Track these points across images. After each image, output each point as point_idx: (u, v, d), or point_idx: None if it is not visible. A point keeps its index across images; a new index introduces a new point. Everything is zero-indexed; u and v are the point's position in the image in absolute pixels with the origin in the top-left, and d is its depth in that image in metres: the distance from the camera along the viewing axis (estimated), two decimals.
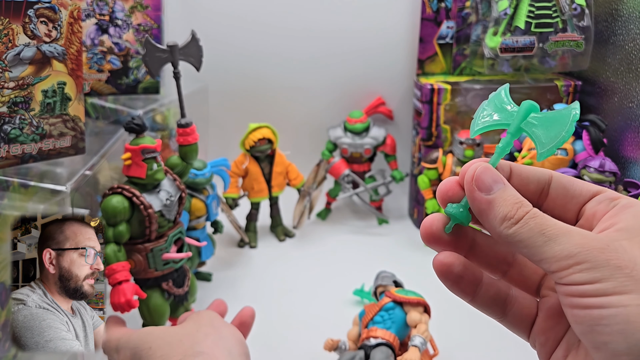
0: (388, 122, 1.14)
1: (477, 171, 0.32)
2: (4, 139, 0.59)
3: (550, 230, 0.29)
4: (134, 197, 0.59)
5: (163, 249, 0.62)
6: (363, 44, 1.09)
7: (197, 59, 0.71)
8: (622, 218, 0.30)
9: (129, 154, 0.60)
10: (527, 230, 0.29)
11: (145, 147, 0.60)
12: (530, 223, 0.29)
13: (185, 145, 0.67)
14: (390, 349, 0.61)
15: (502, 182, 0.32)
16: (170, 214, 0.62)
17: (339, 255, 0.97)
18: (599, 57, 0.99)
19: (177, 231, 0.64)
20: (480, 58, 1.00)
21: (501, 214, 0.30)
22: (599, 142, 0.90)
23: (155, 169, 0.60)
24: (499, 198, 0.31)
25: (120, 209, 0.59)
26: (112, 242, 0.59)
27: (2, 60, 0.57)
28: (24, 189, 0.60)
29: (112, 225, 0.59)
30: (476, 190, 0.31)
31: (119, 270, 0.58)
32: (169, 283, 0.64)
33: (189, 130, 0.67)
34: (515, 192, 0.31)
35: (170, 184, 0.64)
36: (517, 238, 0.30)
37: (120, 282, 0.58)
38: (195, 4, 1.06)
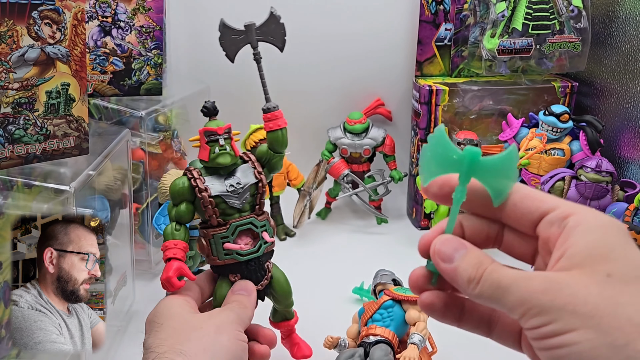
0: (387, 123, 1.15)
1: (437, 246, 0.34)
2: (8, 139, 0.60)
3: (504, 281, 0.31)
4: (192, 179, 0.58)
5: (224, 238, 0.57)
6: (362, 47, 1.10)
7: (278, 38, 0.65)
8: (571, 242, 0.31)
9: (197, 136, 0.59)
10: (487, 287, 0.31)
11: (207, 129, 0.58)
12: (489, 279, 0.32)
13: (273, 130, 0.61)
14: (390, 347, 0.62)
15: (462, 248, 0.34)
16: (235, 201, 0.58)
17: (339, 254, 0.98)
18: (595, 59, 1.00)
19: (244, 221, 0.58)
20: (478, 60, 1.01)
21: (465, 278, 0.33)
22: (595, 142, 0.91)
23: (217, 152, 0.58)
24: (461, 264, 0.33)
25: (179, 188, 0.58)
26: (173, 221, 0.58)
27: (7, 61, 0.58)
28: (28, 188, 0.60)
29: (175, 204, 0.58)
30: (440, 262, 0.34)
31: (170, 247, 0.56)
32: (236, 276, 0.59)
33: (277, 113, 0.62)
34: (476, 252, 0.34)
35: (246, 171, 0.59)
36: (482, 296, 0.32)
37: (169, 259, 0.56)
38: (197, 7, 1.07)
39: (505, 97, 1.02)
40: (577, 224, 0.31)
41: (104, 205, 0.72)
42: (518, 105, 1.03)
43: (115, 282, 0.73)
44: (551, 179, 0.85)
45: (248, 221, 0.59)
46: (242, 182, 0.59)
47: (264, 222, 0.60)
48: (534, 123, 0.97)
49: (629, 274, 0.29)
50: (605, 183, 0.80)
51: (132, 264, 0.79)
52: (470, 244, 0.34)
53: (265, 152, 0.62)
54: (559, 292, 0.29)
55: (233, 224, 0.58)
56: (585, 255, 0.30)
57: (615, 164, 0.90)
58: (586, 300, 0.28)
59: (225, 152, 0.58)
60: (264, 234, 0.59)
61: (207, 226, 0.59)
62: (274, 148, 0.62)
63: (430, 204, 0.98)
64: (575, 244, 0.30)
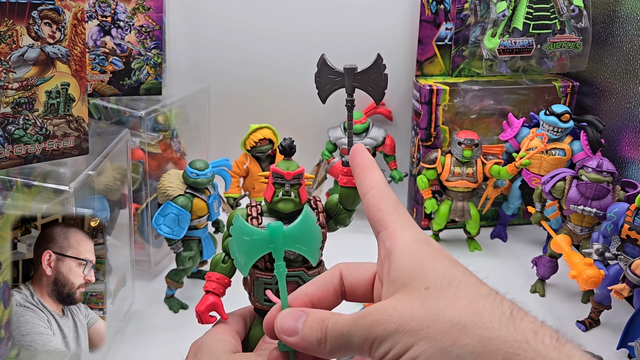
0: (387, 123, 1.15)
1: (278, 324, 0.36)
2: (7, 139, 0.59)
3: (345, 328, 0.33)
4: (249, 217, 0.54)
5: (267, 284, 0.55)
6: (363, 46, 1.10)
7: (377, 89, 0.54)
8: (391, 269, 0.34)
9: (268, 172, 0.55)
10: (334, 340, 0.33)
11: (275, 171, 0.54)
12: (332, 333, 0.33)
13: (348, 187, 0.55)
14: None
15: (301, 315, 0.35)
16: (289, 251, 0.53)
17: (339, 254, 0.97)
18: (596, 58, 0.99)
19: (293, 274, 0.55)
20: (478, 59, 1.00)
21: (314, 339, 0.34)
22: (596, 142, 0.91)
23: (280, 196, 0.54)
24: (305, 330, 0.35)
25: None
26: (222, 252, 0.56)
27: (6, 61, 0.58)
28: (28, 188, 0.60)
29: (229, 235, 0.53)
30: (287, 338, 0.35)
31: (212, 280, 0.54)
32: None
33: None
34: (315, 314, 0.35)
35: None
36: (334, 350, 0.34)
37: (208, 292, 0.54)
38: (196, 6, 1.07)
39: (506, 97, 1.02)
40: (392, 249, 0.34)
41: (104, 206, 0.72)
42: (519, 105, 1.02)
43: (114, 282, 0.73)
44: (552, 179, 0.85)
45: (296, 274, 0.55)
46: None
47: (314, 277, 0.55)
48: (535, 123, 0.97)
49: (441, 281, 0.31)
50: (606, 183, 0.80)
51: (132, 265, 0.79)
52: (308, 308, 0.36)
53: (335, 205, 0.57)
54: (389, 318, 0.31)
55: None
56: (403, 277, 0.32)
57: (616, 164, 0.90)
58: (412, 316, 0.30)
59: (289, 199, 0.54)
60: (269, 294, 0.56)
61: (255, 266, 0.54)
62: (345, 204, 0.56)
63: (431, 204, 0.98)
64: (393, 269, 0.33)
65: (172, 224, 0.77)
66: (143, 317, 0.80)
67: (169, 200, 0.78)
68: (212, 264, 0.55)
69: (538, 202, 0.91)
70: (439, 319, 0.30)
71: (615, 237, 0.79)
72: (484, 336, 0.29)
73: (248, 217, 0.54)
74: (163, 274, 0.85)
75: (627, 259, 0.75)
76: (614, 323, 0.79)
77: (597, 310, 0.79)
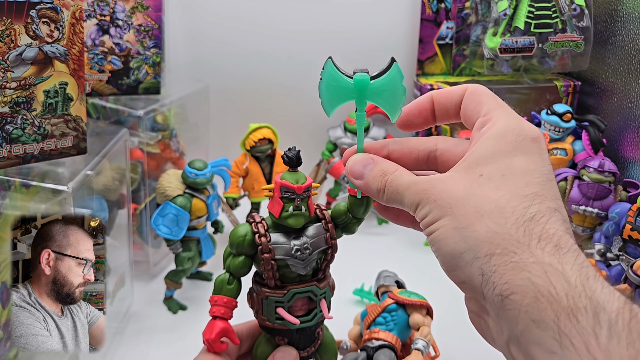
0: (388, 123, 1.14)
1: (349, 166, 0.41)
2: (5, 139, 0.59)
3: (401, 187, 0.37)
4: (257, 235, 0.50)
5: (279, 302, 0.51)
6: (363, 45, 1.09)
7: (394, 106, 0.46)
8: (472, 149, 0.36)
9: (273, 186, 0.51)
10: (390, 193, 0.38)
11: (284, 185, 0.50)
12: (389, 187, 0.38)
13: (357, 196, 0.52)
14: (393, 352, 0.61)
15: (370, 162, 0.40)
16: (300, 267, 0.51)
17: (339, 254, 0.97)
18: (598, 58, 0.99)
19: (304, 289, 0.52)
20: (479, 58, 1.00)
21: (375, 188, 0.39)
22: (598, 142, 0.91)
23: (290, 211, 0.50)
24: (369, 178, 0.40)
25: (240, 240, 0.50)
26: (226, 272, 0.52)
27: (5, 60, 0.57)
28: (26, 188, 0.60)
29: (232, 254, 0.52)
30: (355, 180, 0.41)
31: (219, 304, 0.51)
32: (283, 339, 0.53)
33: None
34: (381, 164, 0.40)
35: (318, 233, 0.52)
36: (389, 201, 0.39)
37: (215, 317, 0.50)
38: (196, 5, 1.06)
39: (507, 97, 1.01)
40: (485, 131, 0.36)
41: (102, 206, 0.72)
42: (520, 105, 1.02)
43: (113, 283, 0.72)
44: None
45: (308, 289, 0.52)
46: (311, 247, 0.51)
47: (325, 289, 0.54)
48: (537, 122, 0.96)
49: (497, 173, 0.34)
50: (608, 183, 0.80)
51: (131, 265, 0.79)
52: (378, 157, 0.41)
53: (344, 213, 0.53)
54: (432, 189, 0.35)
55: (292, 290, 0.51)
56: (472, 159, 0.36)
57: (618, 163, 0.90)
58: (450, 194, 0.34)
59: (300, 214, 0.50)
60: (322, 302, 0.53)
61: (263, 284, 0.52)
62: (355, 213, 0.53)
63: None
64: (473, 151, 0.36)
65: (171, 225, 0.77)
66: (142, 317, 0.79)
67: (167, 201, 0.77)
68: (217, 286, 0.52)
69: None
70: (467, 202, 0.33)
71: (617, 237, 0.78)
72: (491, 229, 0.32)
73: (255, 234, 0.51)
74: (162, 275, 0.84)
75: (628, 259, 0.75)
76: None
77: None
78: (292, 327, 0.52)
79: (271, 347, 0.53)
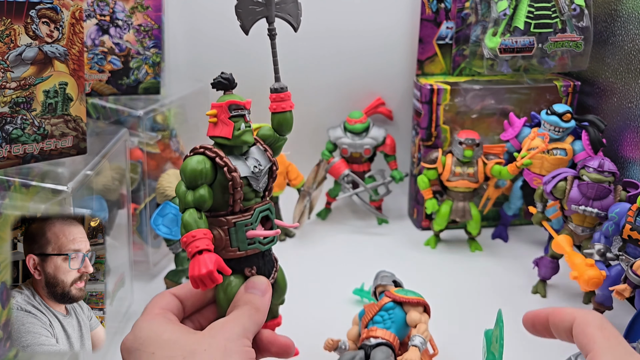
0: (388, 123, 1.14)
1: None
2: (5, 139, 0.59)
3: None
4: (217, 158, 0.50)
5: (248, 225, 0.51)
6: (363, 45, 1.09)
7: (294, 17, 0.61)
8: None
9: (214, 111, 0.52)
10: None
11: (233, 102, 0.52)
12: None
13: (279, 112, 0.56)
14: (391, 349, 0.61)
15: None
16: (257, 184, 0.52)
17: (339, 255, 0.97)
18: (598, 58, 0.99)
19: (265, 207, 0.53)
20: (479, 58, 1.00)
21: None
22: (598, 142, 0.91)
23: (243, 128, 0.51)
24: None
25: (201, 169, 0.49)
26: (192, 208, 0.49)
27: (4, 60, 0.57)
28: (25, 188, 0.60)
29: (192, 188, 0.50)
30: None
31: (200, 237, 0.48)
32: (252, 269, 0.53)
33: (283, 95, 0.58)
34: None
35: (260, 154, 0.54)
36: None
37: (200, 251, 0.48)
38: (195, 5, 1.06)
39: (507, 97, 1.01)
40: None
41: (102, 206, 0.72)
42: (520, 105, 1.02)
43: (113, 283, 0.72)
44: (553, 179, 0.84)
45: (267, 207, 0.54)
46: (263, 164, 0.53)
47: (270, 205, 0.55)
48: (536, 122, 0.96)
49: None
50: (608, 183, 0.80)
51: (130, 265, 0.79)
52: None
53: (272, 134, 0.56)
54: None
55: (257, 209, 0.52)
56: None
57: (618, 163, 0.89)
58: None
59: (250, 130, 0.52)
60: (276, 221, 0.55)
61: (228, 213, 0.52)
62: (280, 131, 0.56)
63: (432, 205, 0.98)
64: None
65: (171, 224, 0.77)
66: None
67: (167, 200, 0.77)
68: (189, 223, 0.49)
69: (539, 202, 0.90)
70: None
71: (616, 237, 0.78)
72: None
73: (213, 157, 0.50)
74: (162, 275, 0.84)
75: (628, 259, 0.75)
76: (615, 324, 0.77)
77: (599, 311, 0.79)
78: (262, 248, 0.53)
79: (240, 282, 0.52)
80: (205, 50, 1.09)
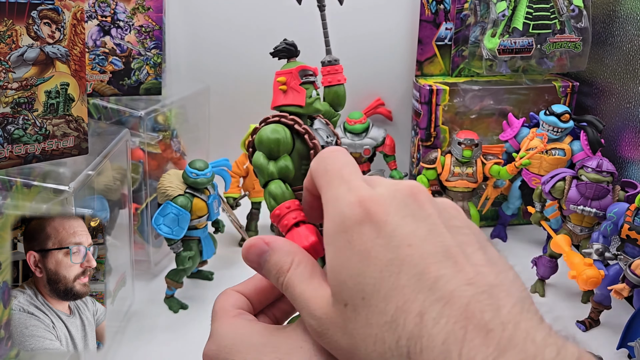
0: (387, 123, 1.14)
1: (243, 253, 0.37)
2: (7, 139, 0.59)
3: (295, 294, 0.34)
4: (295, 125, 0.45)
5: None
6: (362, 46, 1.10)
7: None
8: None
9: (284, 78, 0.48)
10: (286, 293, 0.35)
11: (304, 68, 0.48)
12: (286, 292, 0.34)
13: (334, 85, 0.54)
14: None
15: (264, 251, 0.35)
16: None
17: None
18: (596, 58, 0.99)
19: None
20: (478, 59, 1.00)
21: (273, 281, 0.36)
22: (596, 142, 0.91)
23: (314, 95, 0.48)
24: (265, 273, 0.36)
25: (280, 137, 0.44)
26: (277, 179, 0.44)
27: (6, 61, 0.57)
28: (27, 188, 0.60)
29: (274, 159, 0.44)
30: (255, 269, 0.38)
31: (294, 208, 0.42)
32: None
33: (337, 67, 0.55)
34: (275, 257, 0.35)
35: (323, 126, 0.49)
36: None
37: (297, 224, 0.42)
38: (196, 6, 1.07)
39: (505, 97, 1.02)
40: None
41: (103, 206, 0.72)
42: (519, 105, 1.02)
43: (114, 282, 0.72)
44: (552, 179, 0.85)
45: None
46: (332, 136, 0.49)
47: None
48: (535, 123, 0.97)
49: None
50: (606, 183, 0.80)
51: (132, 265, 0.79)
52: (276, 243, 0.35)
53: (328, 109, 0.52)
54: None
55: None
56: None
57: (616, 164, 0.90)
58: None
59: (319, 98, 0.48)
60: None
61: None
62: (335, 105, 0.53)
63: None
64: None
65: (172, 224, 0.77)
66: (143, 317, 0.80)
67: (168, 200, 0.78)
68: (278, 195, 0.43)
69: (538, 202, 0.91)
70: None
71: (615, 237, 0.79)
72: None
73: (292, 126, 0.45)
74: (163, 274, 0.85)
75: (627, 259, 0.75)
76: (613, 323, 0.79)
77: (597, 310, 0.79)
78: None
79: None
80: (206, 51, 1.09)
